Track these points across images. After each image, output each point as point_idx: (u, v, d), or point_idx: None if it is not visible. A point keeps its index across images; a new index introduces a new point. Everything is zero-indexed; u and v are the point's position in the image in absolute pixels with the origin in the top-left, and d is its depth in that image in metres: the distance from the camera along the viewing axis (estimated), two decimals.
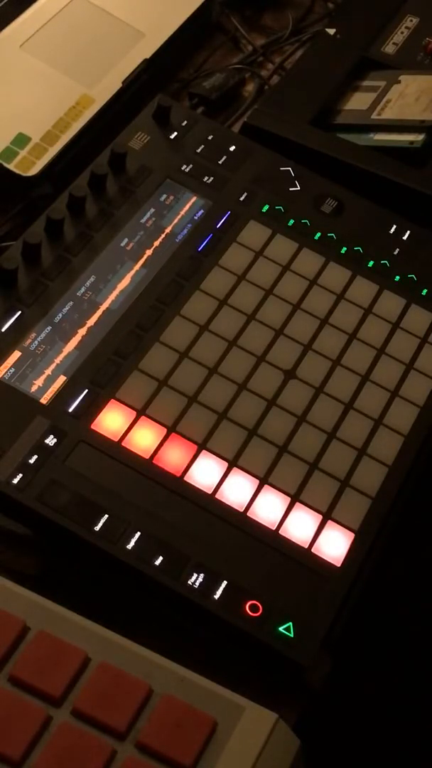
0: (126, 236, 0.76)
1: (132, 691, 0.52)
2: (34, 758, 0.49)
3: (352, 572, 0.64)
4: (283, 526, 0.65)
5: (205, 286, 0.74)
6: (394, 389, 0.73)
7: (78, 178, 0.77)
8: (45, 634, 0.53)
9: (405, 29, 1.00)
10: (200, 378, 0.70)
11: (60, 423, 0.65)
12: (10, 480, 0.62)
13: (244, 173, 0.82)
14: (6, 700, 0.51)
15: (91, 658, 0.53)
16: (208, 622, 0.61)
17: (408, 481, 0.69)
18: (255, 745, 0.51)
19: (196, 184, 0.80)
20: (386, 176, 0.85)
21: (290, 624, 0.61)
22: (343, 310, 0.76)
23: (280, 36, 1.04)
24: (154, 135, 0.82)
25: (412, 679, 1.00)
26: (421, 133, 0.87)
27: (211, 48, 1.01)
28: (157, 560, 0.61)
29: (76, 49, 0.90)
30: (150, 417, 0.67)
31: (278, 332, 0.74)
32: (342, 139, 0.88)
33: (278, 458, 0.67)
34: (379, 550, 0.66)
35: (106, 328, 0.71)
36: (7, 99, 0.85)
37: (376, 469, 0.69)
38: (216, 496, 0.65)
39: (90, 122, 0.85)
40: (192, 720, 0.51)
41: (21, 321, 0.70)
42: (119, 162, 0.79)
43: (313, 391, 0.71)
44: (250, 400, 0.70)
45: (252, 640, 0.60)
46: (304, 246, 0.79)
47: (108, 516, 0.62)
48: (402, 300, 0.78)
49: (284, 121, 0.88)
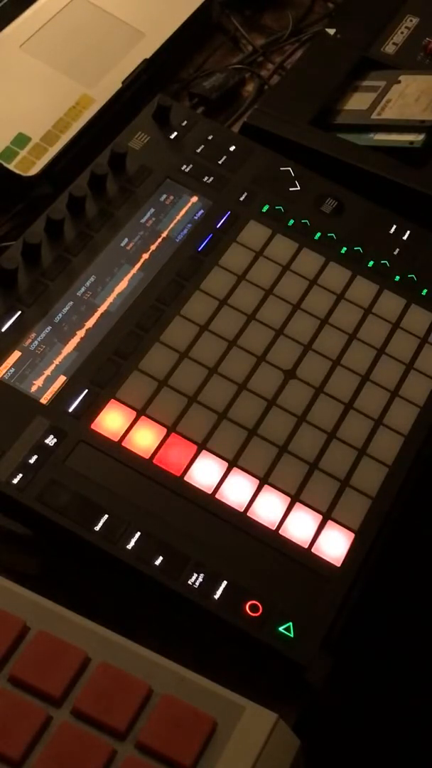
0: (126, 236, 0.76)
1: (132, 691, 0.52)
2: (34, 758, 0.49)
3: (352, 572, 0.64)
4: (283, 526, 0.65)
5: (205, 286, 0.75)
6: (394, 389, 0.73)
7: (78, 178, 0.77)
8: (45, 634, 0.53)
9: (405, 29, 1.00)
10: (200, 378, 0.70)
11: (60, 423, 0.65)
12: (10, 480, 0.62)
13: (244, 173, 0.82)
14: (6, 700, 0.51)
15: (91, 658, 0.53)
16: (208, 622, 0.61)
17: (408, 481, 0.69)
18: (255, 745, 0.51)
19: (196, 184, 0.80)
20: (386, 176, 0.85)
21: (290, 624, 0.61)
22: (343, 310, 0.76)
23: (280, 36, 1.04)
24: (154, 135, 0.82)
25: (412, 679, 1.00)
26: (421, 133, 0.87)
27: (211, 48, 1.01)
28: (157, 560, 0.61)
29: (76, 49, 0.90)
30: (150, 417, 0.67)
31: (278, 332, 0.74)
32: (342, 139, 0.88)
33: (278, 458, 0.67)
34: (379, 550, 0.66)
35: (106, 328, 0.71)
36: (7, 99, 0.85)
37: (376, 469, 0.69)
38: (216, 496, 0.65)
39: (90, 122, 0.85)
40: (192, 720, 0.51)
41: (21, 321, 0.70)
42: (119, 162, 0.79)
43: (313, 391, 0.71)
44: (250, 400, 0.70)
45: (252, 640, 0.60)
46: (304, 246, 0.79)
47: (108, 516, 0.62)
48: (402, 300, 0.78)
49: (284, 121, 0.88)
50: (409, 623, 1.01)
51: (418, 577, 1.00)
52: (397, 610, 0.98)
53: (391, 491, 0.68)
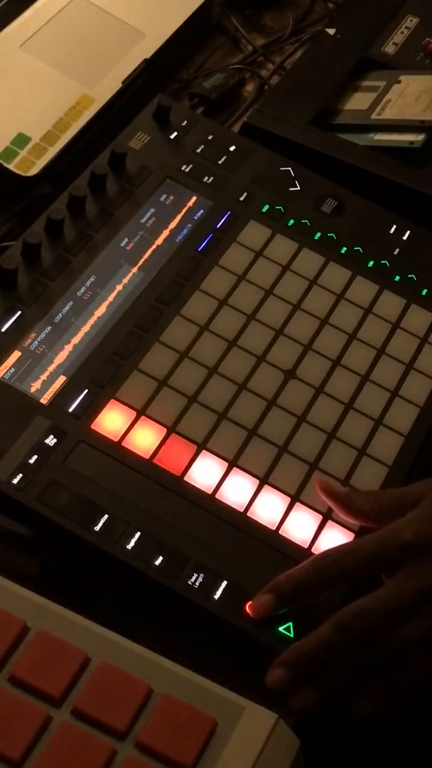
0: (126, 236, 0.76)
1: (132, 691, 0.52)
2: (34, 758, 0.49)
3: None
4: (283, 526, 0.65)
5: (205, 286, 0.74)
6: (394, 389, 0.73)
7: (78, 178, 0.77)
8: (45, 634, 0.53)
9: (405, 29, 1.00)
10: (200, 378, 0.70)
11: (60, 423, 0.65)
12: (10, 480, 0.62)
13: (244, 173, 0.82)
14: (6, 700, 0.51)
15: (91, 658, 0.53)
16: (208, 622, 0.61)
17: (408, 481, 0.69)
18: (255, 745, 0.51)
19: (196, 184, 0.80)
20: (386, 176, 0.85)
21: (290, 624, 0.61)
22: (343, 310, 0.76)
23: (280, 36, 1.04)
24: (154, 135, 0.82)
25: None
26: (421, 133, 0.87)
27: (211, 48, 1.01)
28: (157, 560, 0.61)
29: (76, 49, 0.90)
30: (150, 417, 0.67)
31: (278, 332, 0.74)
32: (342, 139, 0.88)
33: (278, 458, 0.67)
34: None
35: (106, 328, 0.71)
36: (7, 99, 0.85)
37: (376, 469, 0.69)
38: (216, 496, 0.65)
39: (90, 122, 0.85)
40: (192, 720, 0.51)
41: (21, 321, 0.70)
42: (119, 162, 0.79)
43: (313, 391, 0.71)
44: (250, 400, 0.70)
45: (252, 640, 0.60)
46: (304, 246, 0.79)
47: (108, 516, 0.62)
48: (402, 300, 0.78)
49: (284, 121, 0.88)
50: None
51: None
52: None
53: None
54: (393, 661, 0.59)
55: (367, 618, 0.58)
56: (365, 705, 0.59)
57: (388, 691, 0.59)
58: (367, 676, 0.59)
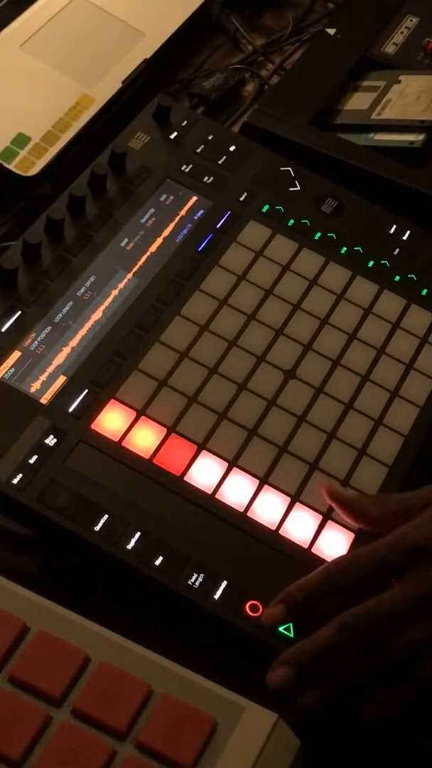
0: (126, 236, 0.76)
1: (132, 691, 0.52)
2: (34, 758, 0.49)
3: None
4: (284, 526, 0.65)
5: (205, 286, 0.74)
6: (394, 389, 0.73)
7: (78, 178, 0.77)
8: (45, 634, 0.53)
9: (405, 29, 1.00)
10: (200, 378, 0.70)
11: (60, 423, 0.65)
12: (10, 480, 0.62)
13: (244, 173, 0.82)
14: (6, 700, 0.51)
15: (91, 658, 0.53)
16: (208, 622, 0.61)
17: (408, 481, 0.69)
18: (255, 745, 0.51)
19: (196, 184, 0.80)
20: (386, 176, 0.85)
21: (290, 624, 0.61)
22: (343, 310, 0.76)
23: (280, 36, 1.04)
24: (154, 135, 0.82)
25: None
26: (421, 133, 0.87)
27: (211, 48, 1.01)
28: (157, 560, 0.61)
29: (76, 49, 0.90)
30: (150, 417, 0.67)
31: (278, 332, 0.74)
32: (342, 139, 0.88)
33: (278, 458, 0.67)
34: None
35: (106, 328, 0.71)
36: (7, 99, 0.85)
37: (376, 469, 0.69)
38: (216, 496, 0.65)
39: (90, 122, 0.85)
40: (192, 720, 0.51)
41: (21, 321, 0.70)
42: (119, 162, 0.79)
43: (313, 391, 0.71)
44: (250, 400, 0.70)
45: (252, 640, 0.60)
46: (304, 246, 0.79)
47: (108, 516, 0.62)
48: (402, 300, 0.78)
49: (284, 121, 0.88)
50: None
51: None
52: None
53: (392, 491, 0.68)
54: (396, 663, 0.59)
55: (370, 620, 0.58)
56: (372, 711, 0.59)
57: (395, 697, 0.59)
58: (370, 678, 0.59)
